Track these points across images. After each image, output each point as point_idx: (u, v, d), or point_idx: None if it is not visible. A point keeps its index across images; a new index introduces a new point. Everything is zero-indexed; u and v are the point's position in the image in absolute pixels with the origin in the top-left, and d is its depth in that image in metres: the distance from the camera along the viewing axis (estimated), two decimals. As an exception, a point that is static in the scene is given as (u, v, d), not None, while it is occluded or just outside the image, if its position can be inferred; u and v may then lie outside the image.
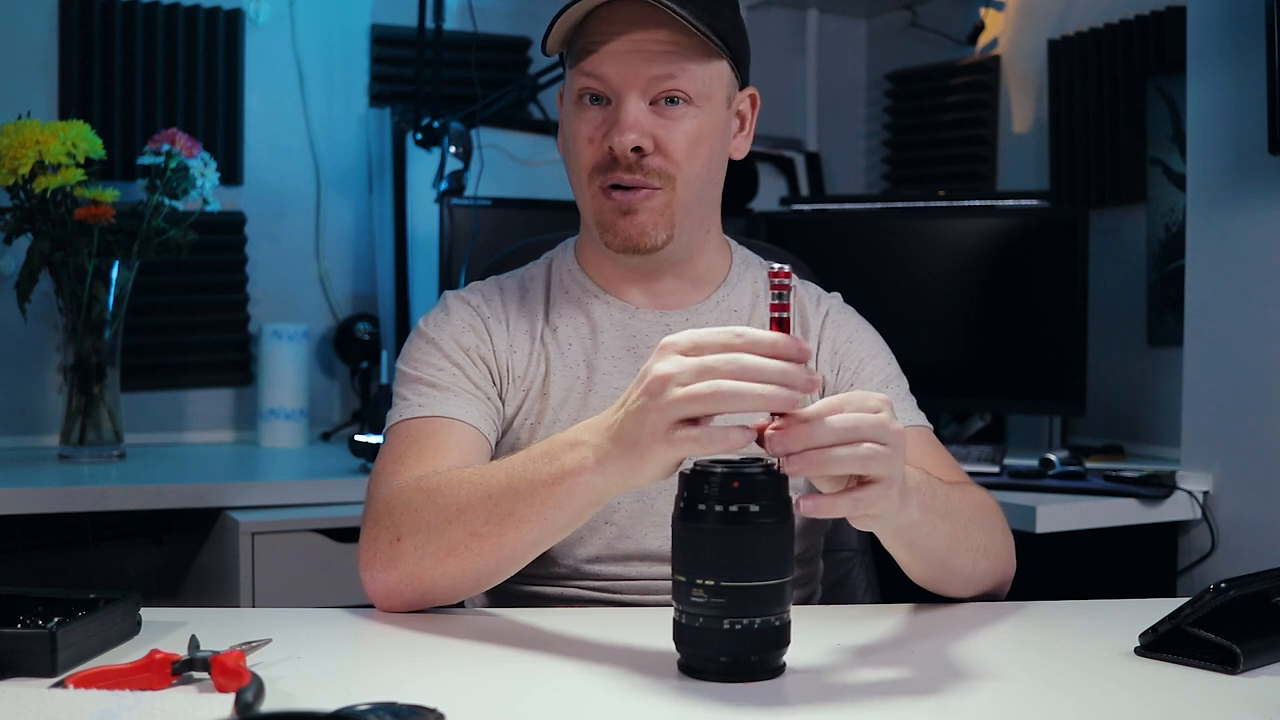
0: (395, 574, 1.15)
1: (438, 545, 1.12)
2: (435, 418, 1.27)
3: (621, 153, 1.27)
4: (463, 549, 1.11)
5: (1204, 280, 2.21)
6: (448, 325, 1.35)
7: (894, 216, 2.68)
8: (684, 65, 1.26)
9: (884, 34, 3.32)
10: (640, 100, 1.27)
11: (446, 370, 1.31)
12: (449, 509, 1.12)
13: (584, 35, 1.28)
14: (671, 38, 1.26)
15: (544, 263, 1.44)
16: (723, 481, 0.95)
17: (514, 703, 0.94)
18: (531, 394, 1.35)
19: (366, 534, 1.18)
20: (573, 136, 1.32)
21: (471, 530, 1.10)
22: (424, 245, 2.72)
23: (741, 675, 0.96)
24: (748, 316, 1.40)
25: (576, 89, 1.30)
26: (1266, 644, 1.02)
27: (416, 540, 1.13)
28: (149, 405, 2.66)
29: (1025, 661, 1.10)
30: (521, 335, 1.36)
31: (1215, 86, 2.18)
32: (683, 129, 1.28)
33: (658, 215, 1.30)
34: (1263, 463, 2.11)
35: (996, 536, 1.26)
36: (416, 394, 1.30)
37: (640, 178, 1.28)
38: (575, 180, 1.34)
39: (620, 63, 1.26)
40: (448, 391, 1.30)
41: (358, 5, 2.87)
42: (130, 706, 0.85)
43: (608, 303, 1.38)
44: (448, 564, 1.12)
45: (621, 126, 1.26)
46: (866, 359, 1.39)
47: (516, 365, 1.35)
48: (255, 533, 2.09)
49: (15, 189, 2.27)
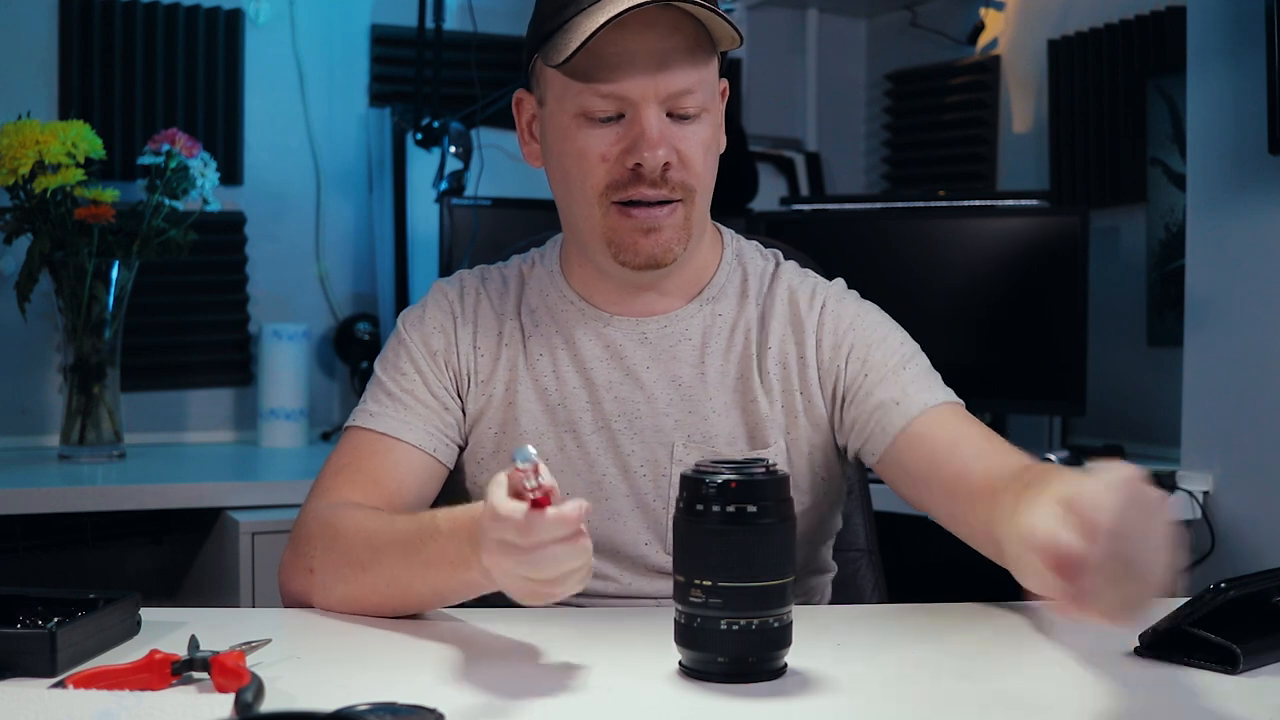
0: (308, 599, 1.23)
1: (344, 591, 1.20)
2: (384, 436, 1.31)
3: (652, 169, 1.23)
4: (365, 600, 1.19)
5: (1204, 280, 2.21)
6: (420, 326, 1.37)
7: (894, 216, 2.68)
8: (696, 70, 1.24)
9: (884, 34, 3.32)
10: (660, 112, 1.24)
11: (408, 376, 1.34)
12: (355, 563, 1.18)
13: (589, 47, 1.19)
14: (683, 43, 1.23)
15: (529, 260, 1.42)
16: (722, 482, 0.95)
17: (514, 703, 0.94)
18: (494, 401, 1.34)
19: (288, 548, 1.26)
20: (577, 154, 1.26)
21: (372, 588, 1.17)
22: (424, 245, 2.72)
23: (741, 676, 0.96)
24: (733, 320, 1.36)
25: (582, 105, 1.24)
26: (1266, 644, 1.02)
27: (326, 580, 1.21)
28: (149, 405, 2.66)
29: (1025, 661, 1.10)
30: (489, 337, 1.36)
31: (1215, 86, 2.17)
32: (700, 139, 1.26)
33: (680, 230, 1.28)
34: (1263, 463, 2.11)
35: None
36: (376, 401, 1.34)
37: (666, 192, 1.25)
38: (576, 198, 1.28)
39: (638, 77, 1.22)
40: (401, 404, 1.32)
41: (358, 5, 2.87)
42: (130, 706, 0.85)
43: (583, 311, 1.36)
44: (352, 605, 1.20)
45: (651, 142, 1.22)
46: (875, 342, 1.33)
47: (481, 369, 1.35)
48: (255, 533, 2.09)
49: (15, 189, 2.27)
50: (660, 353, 1.34)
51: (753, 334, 1.35)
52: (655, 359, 1.34)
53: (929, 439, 1.27)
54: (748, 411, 1.33)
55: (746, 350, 1.35)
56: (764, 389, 1.33)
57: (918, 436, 1.27)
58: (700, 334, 1.35)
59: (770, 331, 1.35)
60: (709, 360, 1.33)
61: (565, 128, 1.27)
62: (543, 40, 1.26)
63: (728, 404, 1.33)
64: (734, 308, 1.37)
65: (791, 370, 1.34)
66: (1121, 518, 0.81)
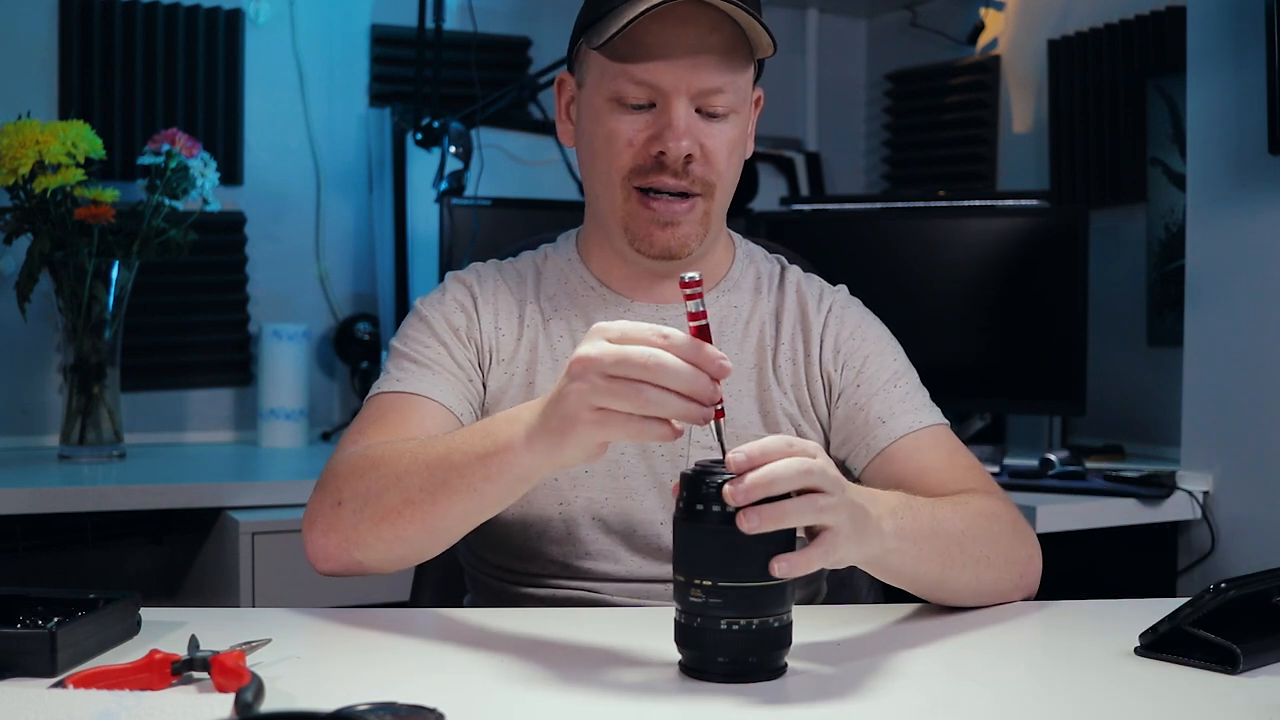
0: (332, 538, 1.18)
1: (373, 511, 1.15)
2: (409, 394, 1.30)
3: (675, 159, 1.26)
4: (395, 515, 1.13)
5: (1204, 280, 2.21)
6: (441, 305, 1.37)
7: (894, 216, 2.68)
8: (730, 73, 1.27)
9: (884, 34, 3.33)
10: (690, 106, 1.27)
11: (432, 348, 1.34)
12: (388, 476, 1.14)
13: (631, 34, 1.24)
14: (722, 44, 1.26)
15: (541, 253, 1.44)
16: (722, 482, 0.95)
17: (514, 703, 0.94)
18: (516, 379, 1.36)
19: (313, 497, 1.22)
20: (607, 136, 1.29)
21: (405, 497, 1.13)
22: (424, 245, 2.72)
23: (740, 676, 0.96)
24: (748, 313, 1.40)
25: (616, 88, 1.27)
26: (1266, 644, 1.02)
27: (354, 505, 1.16)
28: (149, 405, 2.66)
29: (1025, 661, 1.10)
30: (510, 318, 1.37)
31: (1215, 86, 2.18)
32: (726, 138, 1.29)
33: (697, 225, 1.31)
34: (1263, 463, 2.12)
35: (1003, 542, 1.23)
36: (399, 369, 1.33)
37: (686, 184, 1.28)
38: (599, 179, 1.32)
39: (673, 68, 1.25)
40: (427, 369, 1.32)
41: (358, 5, 2.87)
42: (130, 706, 0.85)
43: (603, 296, 1.38)
44: (380, 529, 1.15)
45: (676, 133, 1.26)
46: (871, 355, 1.38)
47: (503, 347, 1.36)
48: (255, 533, 2.09)
49: (15, 189, 2.27)
50: None
51: (767, 328, 1.39)
52: None
53: (900, 463, 1.32)
54: (763, 401, 1.36)
55: (762, 342, 1.38)
56: (777, 381, 1.37)
57: (892, 459, 1.33)
58: (717, 324, 1.37)
59: (782, 326, 1.39)
60: (726, 349, 1.35)
61: (598, 109, 1.30)
62: (589, 24, 1.29)
63: (744, 392, 1.36)
64: (749, 301, 1.41)
65: (800, 367, 1.38)
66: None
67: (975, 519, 1.22)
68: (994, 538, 1.22)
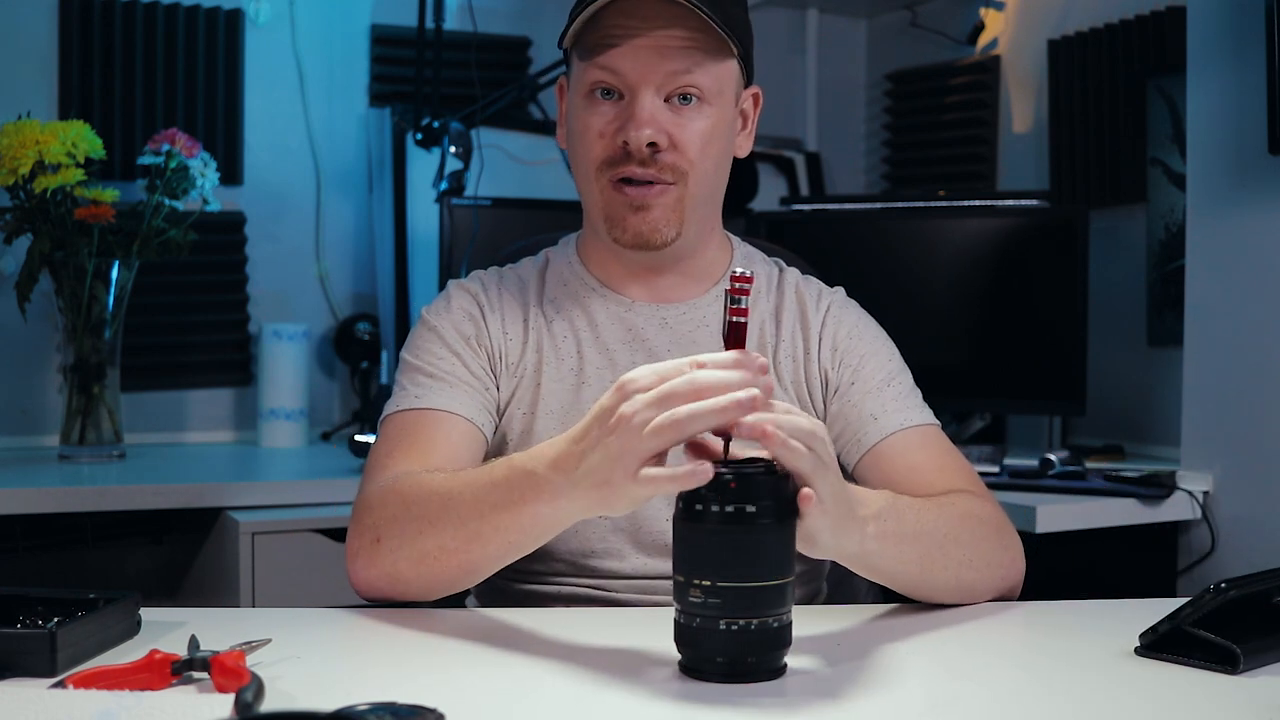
0: (375, 571, 1.18)
1: (410, 552, 1.15)
2: (429, 410, 1.30)
3: (637, 148, 1.28)
4: (433, 559, 1.14)
5: (1204, 280, 2.21)
6: (448, 314, 1.38)
7: (894, 216, 2.68)
8: (699, 62, 1.28)
9: (884, 34, 3.33)
10: (655, 96, 1.28)
11: (446, 359, 1.34)
12: (420, 519, 1.15)
13: (597, 29, 1.27)
14: (688, 35, 1.27)
15: (542, 257, 1.45)
16: (721, 482, 0.95)
17: (514, 703, 0.94)
18: (524, 383, 1.36)
19: (352, 528, 1.22)
20: (581, 131, 1.32)
21: (440, 544, 1.13)
22: (424, 245, 2.72)
23: (740, 676, 0.96)
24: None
25: (588, 82, 1.30)
26: (1266, 644, 1.02)
27: (392, 544, 1.17)
28: (149, 405, 2.66)
29: (1025, 661, 1.10)
30: (516, 323, 1.38)
31: (1215, 86, 2.17)
32: (696, 127, 1.30)
33: (670, 211, 1.31)
34: (1263, 463, 2.11)
35: (985, 545, 1.24)
36: (414, 384, 1.32)
37: (654, 173, 1.29)
38: (581, 174, 1.34)
39: (636, 58, 1.27)
40: (443, 382, 1.32)
41: (358, 5, 2.87)
42: (130, 706, 0.85)
43: (604, 296, 1.39)
44: (420, 569, 1.16)
45: (638, 122, 1.27)
46: (867, 355, 1.39)
47: (511, 352, 1.37)
48: (255, 533, 2.09)
49: (15, 189, 2.27)
50: (680, 337, 1.38)
51: (767, 327, 1.40)
52: (676, 343, 1.37)
53: (890, 459, 1.33)
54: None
55: (762, 341, 1.39)
56: (778, 379, 1.37)
57: (882, 455, 1.33)
58: (718, 322, 1.36)
59: (782, 325, 1.40)
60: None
61: (577, 106, 1.33)
62: (567, 27, 1.31)
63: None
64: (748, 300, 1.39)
65: (799, 366, 1.39)
66: None
67: (960, 521, 1.22)
68: (977, 541, 1.23)
